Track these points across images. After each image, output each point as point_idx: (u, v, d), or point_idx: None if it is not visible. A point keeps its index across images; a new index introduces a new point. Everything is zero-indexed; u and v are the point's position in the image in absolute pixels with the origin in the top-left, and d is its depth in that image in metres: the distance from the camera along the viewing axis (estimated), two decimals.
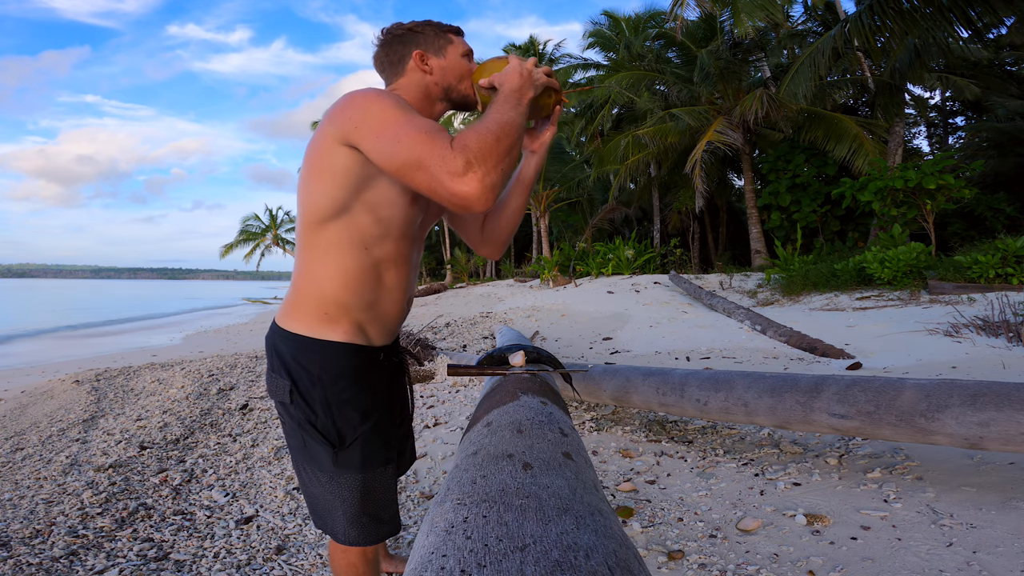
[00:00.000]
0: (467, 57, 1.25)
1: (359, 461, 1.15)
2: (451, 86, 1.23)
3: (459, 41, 1.24)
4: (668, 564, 1.66)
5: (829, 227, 13.89)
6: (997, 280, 6.83)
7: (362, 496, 1.17)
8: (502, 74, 1.11)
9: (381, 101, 1.01)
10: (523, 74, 1.10)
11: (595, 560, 0.52)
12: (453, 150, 0.92)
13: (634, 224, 21.35)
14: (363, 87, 1.09)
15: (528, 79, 1.10)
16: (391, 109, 1.00)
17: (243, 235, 36.15)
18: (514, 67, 1.11)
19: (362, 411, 1.15)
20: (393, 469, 1.23)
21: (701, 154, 12.82)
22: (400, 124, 0.97)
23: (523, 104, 1.07)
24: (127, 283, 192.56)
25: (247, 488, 2.66)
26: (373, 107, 1.00)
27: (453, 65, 1.23)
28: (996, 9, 7.85)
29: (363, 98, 1.02)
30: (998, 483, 1.89)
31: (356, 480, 1.15)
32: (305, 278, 1.14)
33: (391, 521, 1.23)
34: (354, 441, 1.14)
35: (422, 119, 1.00)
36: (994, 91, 14.15)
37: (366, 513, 1.18)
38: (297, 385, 1.14)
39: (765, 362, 4.65)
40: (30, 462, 3.27)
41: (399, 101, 1.03)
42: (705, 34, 14.56)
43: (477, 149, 0.92)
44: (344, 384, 1.14)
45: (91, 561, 1.98)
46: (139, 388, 5.38)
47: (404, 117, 0.99)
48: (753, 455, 2.49)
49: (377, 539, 1.21)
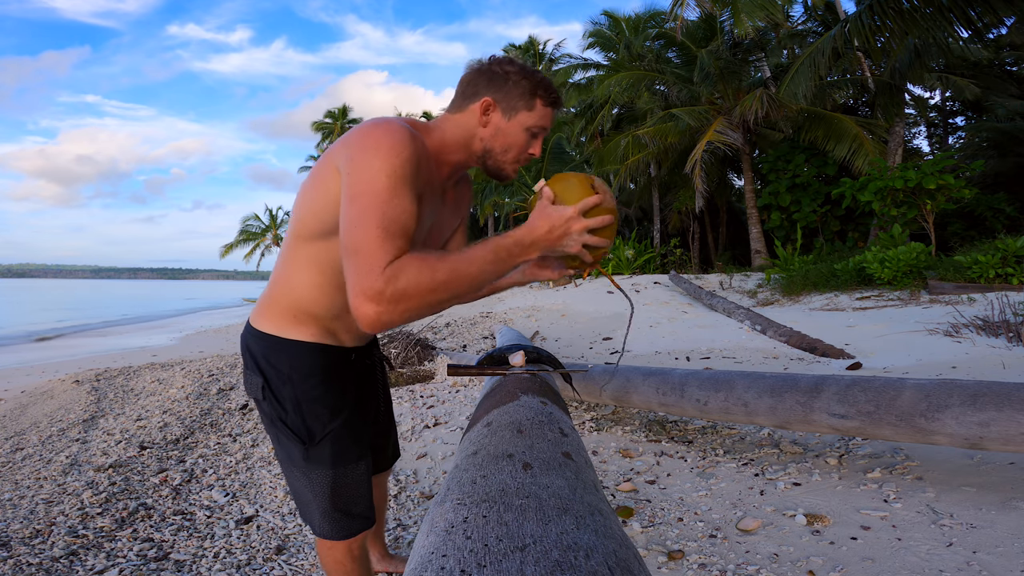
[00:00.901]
0: (533, 134, 1.12)
1: (329, 457, 1.18)
2: (492, 151, 1.12)
3: (540, 113, 1.10)
4: (668, 564, 1.66)
5: (829, 227, 13.89)
6: (997, 280, 6.84)
7: (333, 491, 1.19)
8: (535, 215, 0.95)
9: (384, 161, 0.91)
10: (552, 232, 0.94)
11: (595, 560, 0.52)
12: (385, 271, 0.83)
13: (634, 224, 21.36)
14: (388, 122, 0.97)
15: (554, 241, 0.94)
16: (383, 179, 0.90)
17: (243, 235, 36.19)
18: (552, 218, 0.94)
19: (331, 408, 1.18)
20: (366, 465, 1.24)
21: (701, 154, 12.82)
22: (375, 204, 0.88)
23: (513, 263, 0.94)
24: (127, 283, 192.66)
25: (247, 488, 2.66)
26: (374, 163, 0.91)
27: (510, 133, 1.11)
28: (996, 9, 7.85)
29: (374, 145, 0.93)
30: (998, 483, 1.89)
31: (327, 476, 1.18)
32: (281, 283, 1.16)
33: (363, 516, 1.25)
34: (324, 438, 1.17)
35: (399, 208, 0.89)
36: (994, 91, 14.15)
37: (337, 508, 1.21)
38: (269, 383, 1.17)
39: (765, 362, 4.65)
40: (30, 462, 3.27)
41: (401, 171, 0.92)
42: (705, 34, 14.56)
43: (403, 288, 0.83)
44: (313, 382, 1.16)
45: (91, 561, 1.98)
46: (139, 388, 5.38)
47: (386, 196, 0.89)
48: (753, 455, 2.49)
49: (349, 533, 1.24)
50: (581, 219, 0.94)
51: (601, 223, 0.97)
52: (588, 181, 0.99)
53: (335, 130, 38.59)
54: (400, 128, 0.95)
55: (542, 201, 0.96)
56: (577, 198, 0.96)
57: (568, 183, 0.98)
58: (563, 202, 0.96)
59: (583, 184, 0.98)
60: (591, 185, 0.98)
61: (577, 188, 0.97)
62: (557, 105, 1.13)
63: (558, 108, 1.14)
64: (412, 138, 0.96)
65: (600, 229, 0.97)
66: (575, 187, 0.98)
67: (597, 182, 1.00)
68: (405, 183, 0.92)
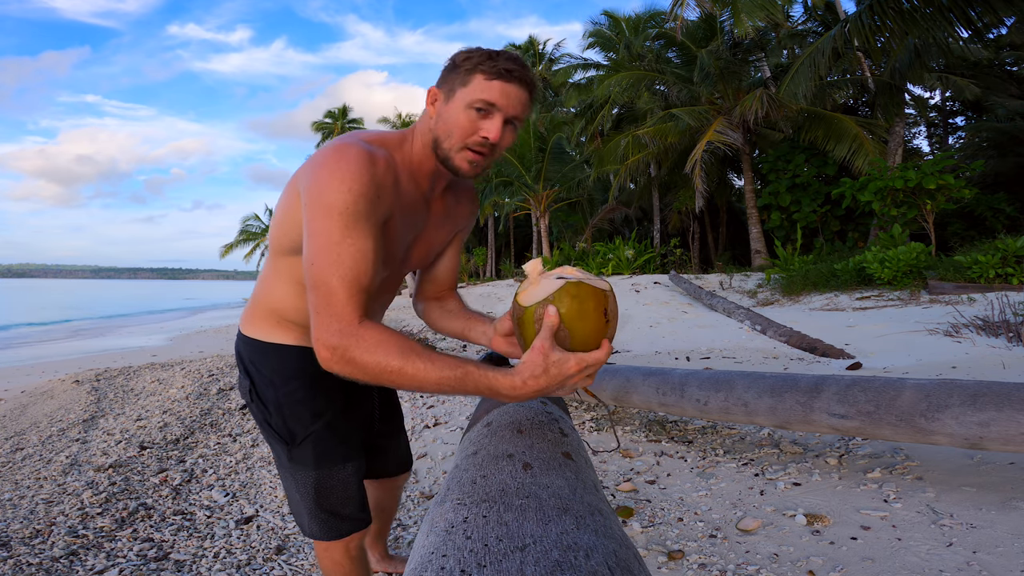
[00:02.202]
0: (478, 110, 0.96)
1: (312, 459, 1.18)
2: (438, 140, 1.00)
3: (480, 86, 0.95)
4: (668, 564, 1.66)
5: (829, 227, 13.89)
6: (997, 280, 6.84)
7: (317, 493, 1.20)
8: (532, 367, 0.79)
9: (336, 196, 0.87)
10: (546, 390, 0.80)
11: (595, 560, 0.52)
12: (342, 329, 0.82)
13: (634, 224, 21.35)
14: (345, 149, 0.91)
15: (543, 394, 0.81)
16: (336, 217, 0.87)
17: (243, 235, 36.20)
18: (550, 375, 0.79)
19: (313, 411, 1.18)
20: (354, 468, 1.24)
21: (701, 154, 12.82)
22: (328, 244, 0.86)
23: (479, 395, 0.83)
24: (127, 283, 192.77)
25: (247, 488, 2.66)
26: (327, 199, 0.87)
27: (450, 114, 0.97)
28: (996, 9, 7.85)
29: (327, 177, 0.89)
30: (998, 483, 1.89)
31: (310, 477, 1.19)
32: (263, 291, 1.19)
33: (353, 517, 1.24)
34: (305, 439, 1.18)
35: (352, 249, 0.86)
36: (994, 91, 14.14)
37: (323, 509, 1.21)
38: (255, 386, 1.20)
39: (765, 362, 4.64)
40: (30, 462, 3.27)
41: (354, 207, 0.88)
42: (705, 34, 14.56)
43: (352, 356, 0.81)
44: (296, 385, 1.17)
45: (91, 561, 1.98)
46: (139, 388, 5.38)
47: (337, 236, 0.86)
48: (753, 455, 2.49)
49: (339, 534, 1.24)
50: (584, 371, 0.81)
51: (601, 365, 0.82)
52: (604, 302, 0.82)
53: (335, 130, 38.59)
54: (356, 156, 0.91)
55: (544, 342, 0.79)
56: (588, 332, 0.80)
57: (583, 308, 0.80)
58: (570, 332, 0.80)
59: (599, 309, 0.81)
60: (604, 310, 0.81)
61: (591, 317, 0.80)
62: (510, 78, 0.95)
63: (516, 81, 0.96)
64: (370, 164, 0.91)
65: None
66: (589, 314, 0.80)
67: (610, 305, 0.83)
68: (358, 219, 0.88)
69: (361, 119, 39.37)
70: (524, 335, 0.85)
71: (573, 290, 0.80)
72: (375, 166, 0.93)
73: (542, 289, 0.82)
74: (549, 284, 0.82)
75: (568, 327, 0.80)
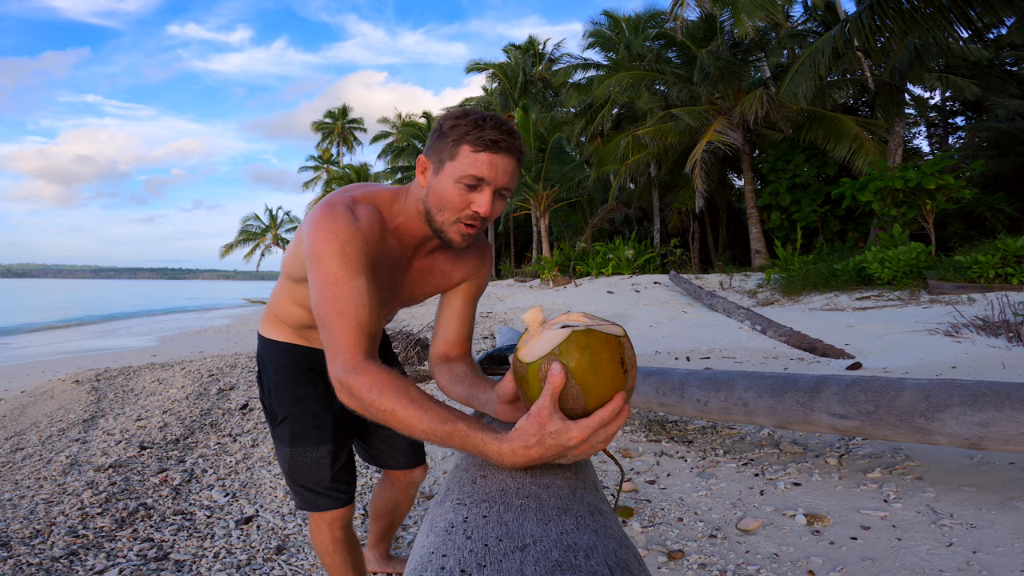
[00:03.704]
0: (468, 185, 0.96)
1: (288, 437, 1.37)
2: (430, 212, 1.01)
3: (468, 160, 0.94)
4: (668, 564, 1.66)
5: (829, 227, 13.89)
6: (997, 280, 6.83)
7: (291, 468, 1.37)
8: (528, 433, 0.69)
9: (327, 247, 0.94)
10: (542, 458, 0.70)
11: (595, 560, 0.52)
12: (347, 363, 0.87)
13: (634, 224, 21.36)
14: (332, 208, 0.99)
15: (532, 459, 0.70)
16: (333, 263, 0.94)
17: (243, 235, 36.24)
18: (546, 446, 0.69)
19: (292, 395, 1.38)
20: (328, 451, 1.37)
21: (701, 154, 12.82)
22: (327, 288, 0.93)
23: (469, 452, 0.77)
24: (127, 283, 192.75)
25: (247, 488, 2.66)
26: (322, 250, 0.95)
27: (441, 188, 0.98)
28: (996, 9, 7.85)
29: (320, 236, 0.95)
30: (998, 483, 1.89)
31: (286, 454, 1.38)
32: (274, 302, 1.42)
33: (327, 495, 1.38)
34: (284, 419, 1.38)
35: (349, 289, 0.92)
36: (994, 91, 14.14)
37: (297, 483, 1.38)
38: (260, 372, 1.47)
39: (765, 362, 4.64)
40: (30, 462, 3.27)
41: (342, 251, 0.94)
42: (705, 34, 14.56)
43: (350, 386, 0.85)
44: (282, 374, 1.40)
45: (91, 561, 1.98)
46: (139, 388, 5.38)
47: (332, 279, 0.93)
48: (753, 455, 2.49)
49: (316, 507, 1.39)
50: (593, 437, 0.69)
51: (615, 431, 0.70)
52: (619, 351, 0.70)
53: (335, 130, 38.61)
54: (342, 215, 0.97)
55: (543, 408, 0.68)
56: (605, 387, 0.69)
57: (595, 360, 0.68)
58: (583, 390, 0.68)
59: (614, 360, 0.69)
60: (621, 359, 0.70)
61: (607, 369, 0.68)
62: (496, 148, 0.94)
63: (502, 151, 0.95)
64: (354, 221, 0.97)
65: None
66: (603, 367, 0.68)
67: (627, 353, 0.71)
68: (348, 262, 0.94)
69: (361, 119, 39.41)
70: (528, 397, 0.73)
71: (582, 340, 0.68)
72: (359, 222, 0.99)
73: (545, 341, 0.71)
74: (553, 335, 0.70)
75: (581, 383, 0.68)
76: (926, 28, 8.54)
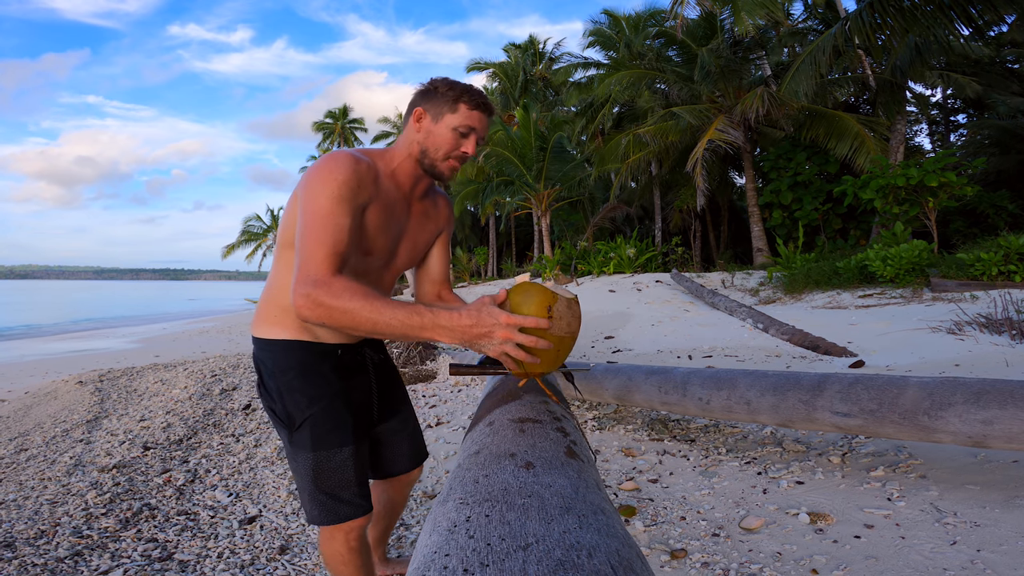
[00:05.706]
0: (462, 134, 1.24)
1: (309, 441, 1.29)
2: (426, 151, 1.26)
3: (465, 115, 1.23)
4: (671, 563, 1.66)
5: (831, 225, 13.87)
6: (1000, 277, 6.82)
7: (315, 474, 1.28)
8: (470, 307, 0.98)
9: (323, 186, 1.10)
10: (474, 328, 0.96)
11: (598, 559, 0.52)
12: (317, 280, 1.00)
13: (635, 223, 21.33)
14: (334, 153, 1.17)
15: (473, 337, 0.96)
16: (323, 200, 1.09)
17: (245, 235, 36.26)
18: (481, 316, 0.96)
19: (309, 396, 1.30)
20: (351, 452, 1.31)
21: (702, 152, 12.80)
22: (315, 221, 1.08)
23: (425, 337, 0.98)
24: (129, 284, 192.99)
25: (250, 488, 2.66)
26: (316, 188, 1.10)
27: (439, 133, 1.24)
28: (997, 6, 7.82)
29: (318, 173, 1.12)
30: (1002, 481, 1.88)
31: (308, 459, 1.28)
32: (269, 287, 1.34)
33: (351, 502, 1.30)
34: (303, 422, 1.29)
35: (333, 224, 1.08)
36: (995, 88, 14.11)
37: (322, 491, 1.29)
38: (262, 379, 1.34)
39: (767, 360, 4.64)
40: (34, 463, 3.28)
41: (338, 192, 1.10)
42: (705, 32, 14.53)
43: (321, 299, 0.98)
44: (292, 374, 1.31)
45: (95, 561, 1.98)
46: (142, 389, 5.39)
47: (322, 213, 1.08)
48: (756, 454, 2.48)
49: (338, 518, 1.29)
50: (511, 330, 0.95)
51: (532, 344, 0.95)
52: (549, 300, 0.96)
53: (335, 130, 38.62)
54: (343, 156, 1.15)
55: (484, 298, 0.99)
56: (527, 312, 0.95)
57: (527, 296, 0.97)
58: (512, 310, 0.97)
59: (541, 302, 0.96)
60: (548, 307, 0.96)
61: (534, 302, 0.96)
62: (484, 109, 1.26)
63: (487, 112, 1.26)
64: (354, 162, 1.15)
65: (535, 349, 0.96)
66: (532, 301, 0.96)
67: (558, 305, 0.97)
68: (340, 202, 1.10)
69: (362, 119, 39.40)
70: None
71: (528, 286, 0.99)
72: (358, 164, 1.16)
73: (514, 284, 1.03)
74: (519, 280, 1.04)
75: (512, 305, 0.97)
76: (927, 26, 8.51)
